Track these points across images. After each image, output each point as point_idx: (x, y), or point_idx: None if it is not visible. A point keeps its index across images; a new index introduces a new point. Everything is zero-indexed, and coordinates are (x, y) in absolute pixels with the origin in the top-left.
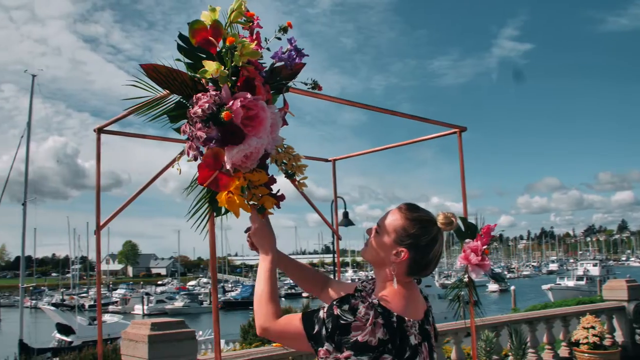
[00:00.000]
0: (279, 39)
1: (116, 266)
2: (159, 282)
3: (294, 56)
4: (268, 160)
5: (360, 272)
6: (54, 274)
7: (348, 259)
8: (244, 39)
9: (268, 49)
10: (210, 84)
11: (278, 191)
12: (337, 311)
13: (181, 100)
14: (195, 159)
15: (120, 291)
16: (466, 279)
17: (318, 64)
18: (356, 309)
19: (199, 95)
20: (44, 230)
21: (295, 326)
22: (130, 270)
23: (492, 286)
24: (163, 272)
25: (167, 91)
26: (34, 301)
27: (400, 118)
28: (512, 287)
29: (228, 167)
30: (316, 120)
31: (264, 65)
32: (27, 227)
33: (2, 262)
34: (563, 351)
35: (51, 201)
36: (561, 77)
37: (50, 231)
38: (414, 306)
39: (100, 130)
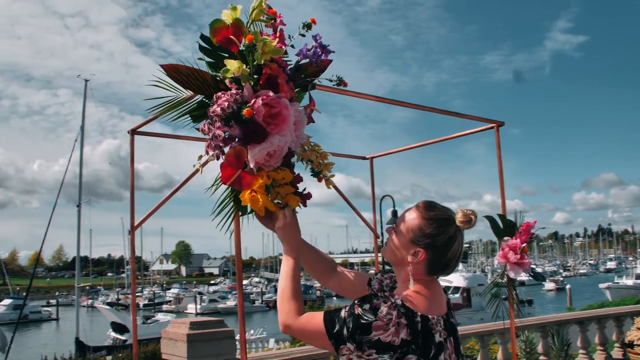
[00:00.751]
0: (303, 35)
1: (170, 266)
2: (212, 282)
3: (319, 53)
4: (294, 159)
5: None
6: (109, 274)
7: None
8: (266, 36)
9: (292, 46)
10: (233, 83)
11: (304, 189)
12: (358, 310)
13: (204, 99)
14: (218, 158)
15: (174, 290)
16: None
17: (367, 63)
18: (377, 309)
19: (219, 94)
20: (100, 231)
21: (316, 324)
22: (183, 270)
23: (549, 285)
24: (215, 271)
25: (191, 92)
26: (90, 300)
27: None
28: (568, 286)
29: (251, 165)
30: (366, 119)
31: (289, 63)
32: (83, 228)
33: (60, 262)
34: (616, 353)
35: (106, 202)
36: (616, 70)
37: (105, 232)
38: (438, 303)
39: (133, 132)
